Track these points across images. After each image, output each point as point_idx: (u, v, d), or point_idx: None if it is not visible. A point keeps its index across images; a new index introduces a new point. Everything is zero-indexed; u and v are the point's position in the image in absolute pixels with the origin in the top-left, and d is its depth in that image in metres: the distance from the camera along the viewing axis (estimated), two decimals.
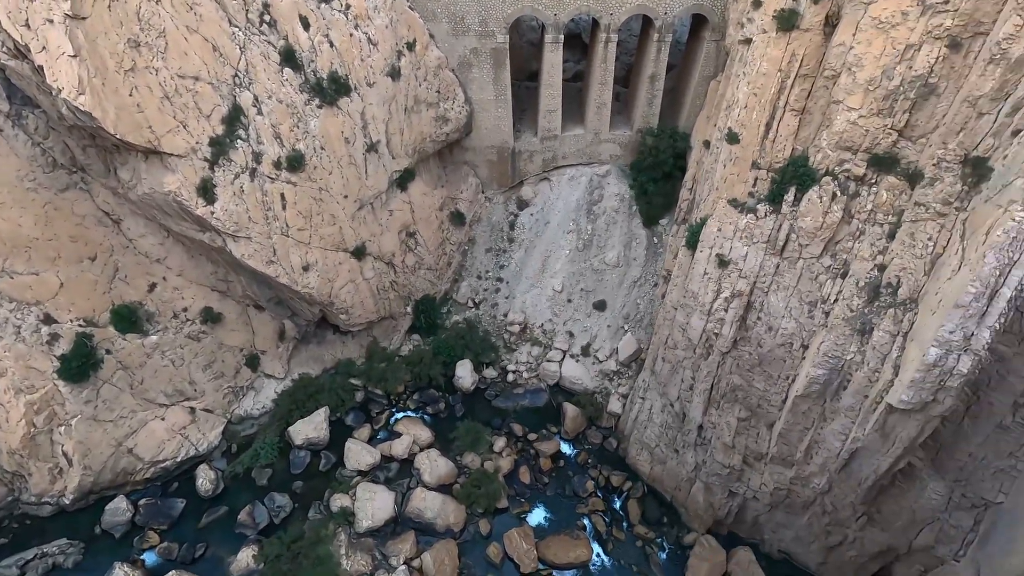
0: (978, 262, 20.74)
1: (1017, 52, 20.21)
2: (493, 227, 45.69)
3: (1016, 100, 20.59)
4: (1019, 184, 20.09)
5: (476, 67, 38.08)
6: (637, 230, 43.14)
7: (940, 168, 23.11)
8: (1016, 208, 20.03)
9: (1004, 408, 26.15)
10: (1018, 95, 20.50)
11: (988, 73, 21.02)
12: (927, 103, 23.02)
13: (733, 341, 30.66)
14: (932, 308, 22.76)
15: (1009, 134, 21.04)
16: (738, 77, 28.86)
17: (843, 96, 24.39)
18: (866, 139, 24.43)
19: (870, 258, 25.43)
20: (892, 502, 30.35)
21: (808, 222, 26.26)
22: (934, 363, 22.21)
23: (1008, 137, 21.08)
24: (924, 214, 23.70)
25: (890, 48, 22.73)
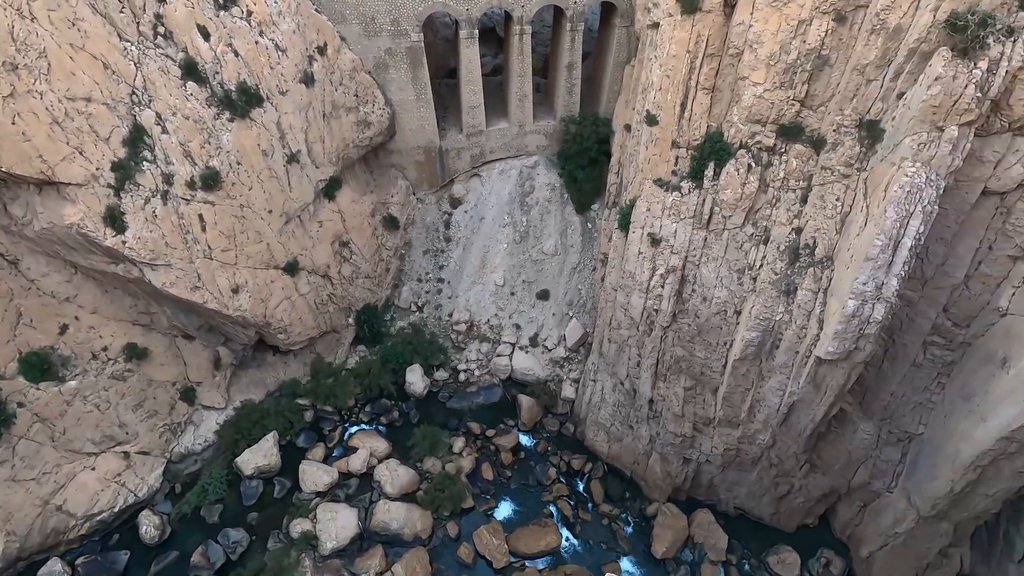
0: (881, 217, 22.51)
1: (894, 21, 21.98)
2: (428, 228, 45.20)
3: (897, 66, 22.41)
4: (908, 142, 21.93)
5: (393, 68, 37.38)
6: (571, 217, 43.89)
7: (840, 133, 24.86)
8: (907, 164, 21.88)
9: (916, 348, 28.64)
10: (899, 61, 22.32)
11: (871, 43, 22.76)
12: (822, 74, 24.65)
13: (672, 315, 31.86)
14: (846, 264, 24.52)
15: (895, 97, 22.90)
16: (650, 61, 29.80)
17: (748, 72, 25.70)
18: (772, 111, 25.89)
19: (787, 223, 27.05)
20: (829, 447, 32.62)
21: (728, 194, 27.60)
22: (852, 314, 23.97)
23: (894, 100, 22.93)
24: (830, 177, 25.44)
25: (785, 24, 24.13)
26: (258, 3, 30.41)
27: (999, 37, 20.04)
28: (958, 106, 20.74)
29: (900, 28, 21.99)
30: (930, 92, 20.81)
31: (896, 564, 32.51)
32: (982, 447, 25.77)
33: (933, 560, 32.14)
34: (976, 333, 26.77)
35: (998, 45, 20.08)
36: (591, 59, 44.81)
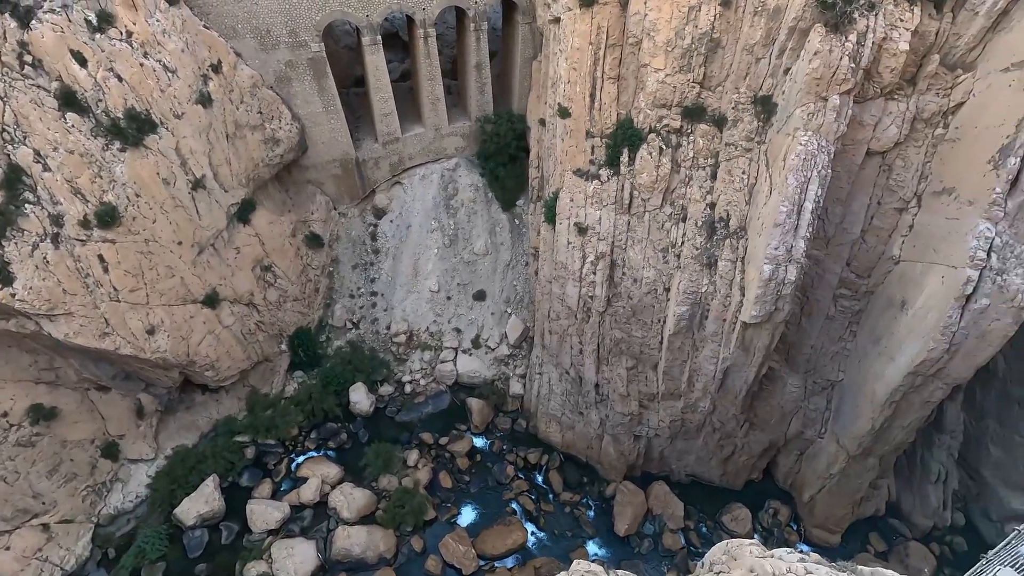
0: (783, 185, 24.15)
1: (773, 3, 23.59)
2: (354, 242, 43.97)
3: (781, 44, 24.09)
4: (798, 113, 23.64)
5: (296, 80, 36.00)
6: (498, 215, 44.08)
7: (738, 110, 26.42)
8: (800, 134, 23.58)
9: (827, 302, 31.01)
10: (781, 40, 24.00)
11: (756, 24, 24.32)
12: (716, 56, 26.09)
13: (607, 300, 32.75)
14: (758, 232, 26.12)
15: (782, 73, 24.61)
16: (556, 55, 30.40)
17: (648, 59, 26.77)
18: (676, 95, 27.12)
19: (701, 199, 28.45)
20: (764, 404, 34.74)
21: (645, 178, 28.66)
22: (769, 278, 25.59)
23: (782, 75, 24.64)
24: (734, 152, 26.99)
25: (677, 12, 25.33)
26: (138, 23, 28.32)
27: (863, 12, 21.98)
28: (836, 77, 22.57)
29: (779, 8, 23.63)
30: (811, 66, 22.51)
31: (834, 503, 35.14)
32: (893, 384, 28.29)
33: (865, 493, 35.01)
34: (876, 282, 29.33)
35: (863, 19, 22.02)
36: (498, 57, 45.12)
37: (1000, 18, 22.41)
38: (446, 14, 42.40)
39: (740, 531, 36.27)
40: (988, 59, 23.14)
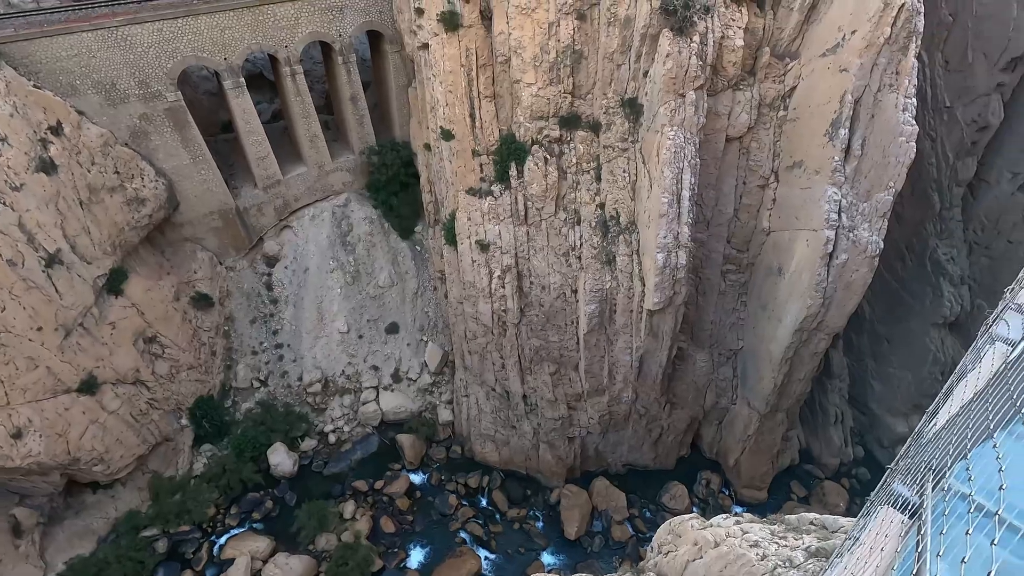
0: (661, 178, 25.94)
1: (623, 13, 25.44)
2: (248, 295, 41.25)
3: (636, 50, 25.99)
4: (662, 111, 25.56)
5: (155, 134, 33.35)
6: (398, 245, 43.38)
7: (609, 114, 28.08)
8: (667, 130, 25.49)
9: (717, 279, 33.59)
10: (636, 46, 25.90)
11: (611, 34, 26.08)
12: (581, 66, 27.62)
13: (520, 310, 33.22)
14: (646, 224, 27.81)
15: (642, 76, 26.53)
16: (430, 80, 30.67)
17: (519, 76, 27.78)
18: (550, 106, 28.32)
19: (591, 201, 29.83)
20: (680, 383, 36.80)
21: (535, 188, 29.57)
22: (664, 265, 27.29)
23: (642, 78, 26.57)
24: (613, 154, 28.62)
25: (538, 29, 26.55)
26: None
27: (700, 15, 24.30)
28: (689, 74, 24.71)
29: (629, 18, 25.52)
30: (666, 67, 24.49)
31: (756, 461, 37.85)
32: (785, 343, 31.14)
33: (780, 447, 38.07)
34: (755, 254, 32.23)
35: (702, 22, 24.35)
36: (372, 87, 44.70)
37: (810, 12, 25.75)
38: (311, 49, 41.37)
39: (680, 507, 37.94)
40: (808, 47, 26.45)
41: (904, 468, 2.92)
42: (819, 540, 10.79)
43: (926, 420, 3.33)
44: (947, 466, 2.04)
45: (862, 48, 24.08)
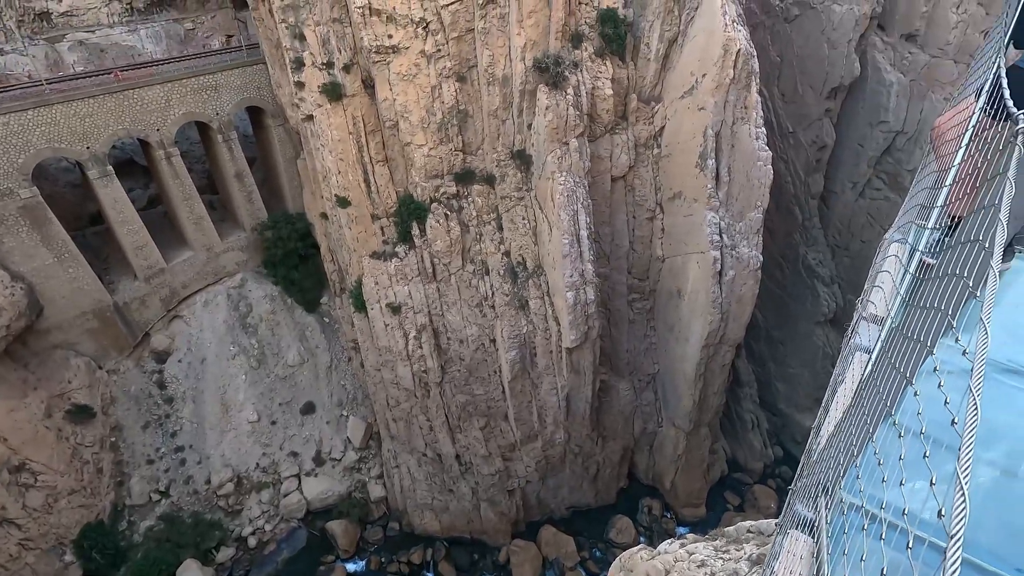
0: (558, 221, 27.10)
1: (500, 73, 26.94)
2: (138, 398, 37.16)
3: (518, 105, 27.49)
4: (550, 159, 26.99)
5: (8, 235, 29.97)
6: (304, 319, 41.40)
7: (501, 167, 29.19)
8: (557, 176, 26.88)
9: (625, 309, 35.14)
10: (517, 101, 27.41)
11: (492, 92, 27.44)
12: (468, 124, 28.67)
13: (441, 368, 32.60)
14: (552, 266, 28.74)
15: (527, 128, 28.01)
16: (319, 150, 30.36)
17: (409, 138, 28.29)
18: (444, 164, 28.97)
19: (496, 250, 30.43)
20: (607, 415, 37.49)
21: (440, 245, 29.73)
22: (574, 303, 28.17)
23: (527, 131, 28.04)
24: (510, 204, 29.60)
25: (422, 93, 27.37)
26: None
27: (571, 70, 26.31)
28: (569, 124, 26.43)
29: (507, 77, 27.06)
30: (547, 119, 26.05)
31: (689, 479, 38.96)
32: (695, 360, 32.90)
33: (709, 461, 39.54)
34: (655, 280, 34.22)
35: (573, 76, 26.35)
36: (258, 162, 43.43)
37: (665, 61, 28.74)
38: (187, 130, 39.68)
39: (627, 540, 37.87)
40: (669, 91, 29.36)
41: (802, 488, 3.10)
42: (758, 547, 11.15)
43: (812, 436, 3.58)
44: (836, 480, 2.18)
45: (713, 88, 27.12)
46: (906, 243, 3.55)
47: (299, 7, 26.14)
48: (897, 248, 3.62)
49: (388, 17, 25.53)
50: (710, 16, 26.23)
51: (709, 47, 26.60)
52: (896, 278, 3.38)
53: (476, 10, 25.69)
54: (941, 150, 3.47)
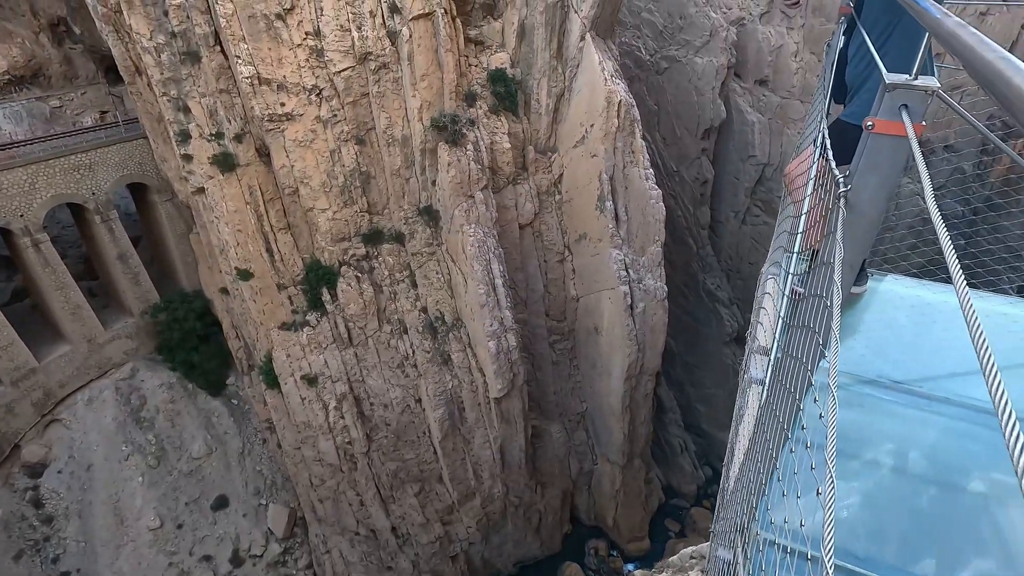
0: (472, 272, 27.32)
1: (399, 134, 27.33)
2: (7, 523, 31.84)
3: (420, 164, 27.89)
4: (457, 213, 27.39)
5: None
6: (209, 405, 37.97)
7: (410, 224, 29.19)
8: (466, 228, 27.28)
9: (547, 351, 35.61)
10: (419, 160, 27.82)
11: (393, 153, 27.70)
12: (372, 185, 28.59)
13: (366, 437, 30.99)
14: (471, 317, 28.70)
15: (431, 185, 28.38)
16: (213, 223, 28.83)
17: (312, 203, 27.66)
18: (350, 227, 28.50)
19: (413, 307, 29.97)
20: (543, 461, 37.16)
21: (353, 308, 28.84)
22: (497, 351, 28.15)
23: (432, 187, 28.40)
24: (423, 260, 29.51)
25: (320, 158, 27.06)
26: None
27: (468, 127, 27.25)
28: (472, 179, 27.13)
29: (406, 137, 27.49)
30: (450, 175, 26.60)
31: (630, 513, 39.16)
32: (619, 392, 33.75)
33: (646, 491, 40.07)
34: (572, 320, 35.11)
35: (471, 132, 27.28)
36: (145, 241, 40.36)
37: (555, 114, 30.59)
38: (58, 213, 36.31)
39: None
40: (563, 142, 31.13)
41: (720, 532, 3.20)
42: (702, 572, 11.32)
43: (723, 476, 3.73)
44: (749, 517, 2.26)
45: (602, 136, 29.12)
46: (779, 275, 3.84)
47: (181, 80, 25.28)
48: (772, 281, 3.91)
49: (279, 85, 25.31)
50: (591, 72, 28.44)
51: (593, 100, 28.71)
52: (774, 309, 3.62)
53: (369, 75, 26.14)
54: (793, 195, 3.85)
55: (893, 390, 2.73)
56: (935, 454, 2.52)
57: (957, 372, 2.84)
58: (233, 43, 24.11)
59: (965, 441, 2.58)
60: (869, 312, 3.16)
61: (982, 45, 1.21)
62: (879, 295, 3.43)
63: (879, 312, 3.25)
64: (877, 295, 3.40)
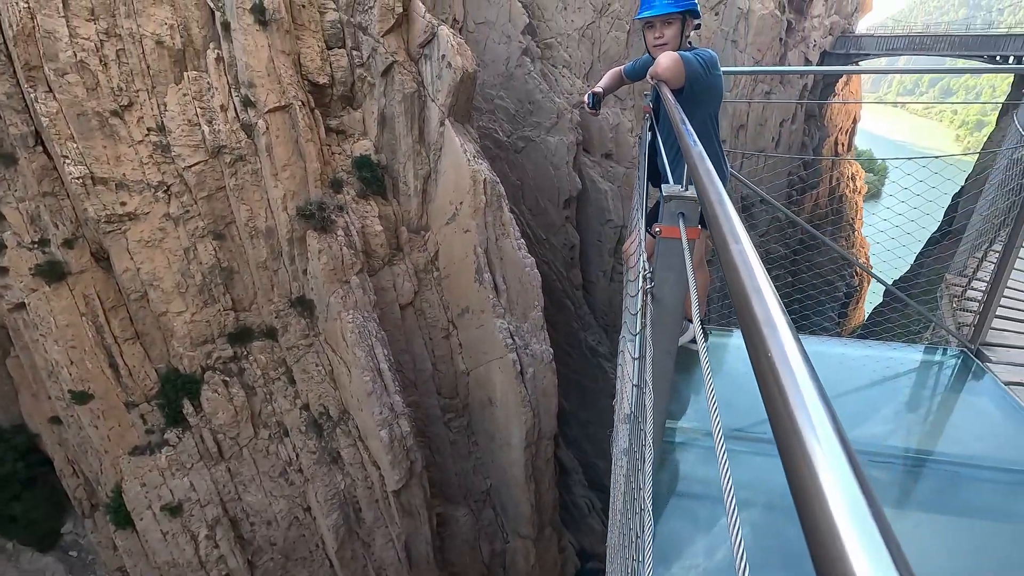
0: (355, 360, 26.08)
1: (263, 226, 26.13)
2: None
3: (288, 254, 26.72)
4: (333, 300, 26.37)
5: None
6: (37, 563, 30.96)
7: (283, 317, 27.45)
8: (344, 315, 26.26)
9: (443, 430, 34.45)
10: (287, 250, 26.65)
11: (257, 245, 26.31)
12: (236, 280, 26.69)
13: (248, 564, 27.12)
14: (359, 408, 27.10)
15: (302, 273, 27.17)
16: (38, 342, 24.79)
17: (164, 308, 25.06)
18: (213, 328, 26.09)
19: (293, 407, 27.66)
20: (452, 550, 34.95)
21: (222, 417, 25.93)
22: (390, 440, 26.66)
23: (303, 276, 27.19)
24: (299, 352, 27.67)
25: (172, 257, 24.89)
26: None
27: (337, 213, 26.88)
28: (345, 264, 26.49)
29: (271, 228, 26.36)
30: (322, 263, 25.76)
31: None
32: (521, 462, 33.31)
33: (561, 559, 39.08)
34: (465, 395, 34.56)
35: (340, 218, 26.90)
36: None
37: (424, 195, 31.36)
38: None
39: None
40: (435, 220, 31.79)
41: None
42: None
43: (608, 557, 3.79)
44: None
45: (471, 213, 30.24)
46: (626, 340, 4.13)
47: None
48: (628, 349, 4.19)
49: (118, 184, 23.27)
50: (453, 154, 29.84)
51: (459, 179, 29.97)
52: (627, 375, 3.86)
53: (225, 168, 25.05)
54: (630, 272, 4.21)
55: (741, 439, 3.00)
56: (786, 492, 2.76)
57: None
58: (59, 143, 21.95)
59: None
60: (717, 366, 3.50)
61: (708, 176, 1.43)
62: (724, 349, 3.81)
63: (724, 365, 3.60)
64: (723, 349, 3.77)
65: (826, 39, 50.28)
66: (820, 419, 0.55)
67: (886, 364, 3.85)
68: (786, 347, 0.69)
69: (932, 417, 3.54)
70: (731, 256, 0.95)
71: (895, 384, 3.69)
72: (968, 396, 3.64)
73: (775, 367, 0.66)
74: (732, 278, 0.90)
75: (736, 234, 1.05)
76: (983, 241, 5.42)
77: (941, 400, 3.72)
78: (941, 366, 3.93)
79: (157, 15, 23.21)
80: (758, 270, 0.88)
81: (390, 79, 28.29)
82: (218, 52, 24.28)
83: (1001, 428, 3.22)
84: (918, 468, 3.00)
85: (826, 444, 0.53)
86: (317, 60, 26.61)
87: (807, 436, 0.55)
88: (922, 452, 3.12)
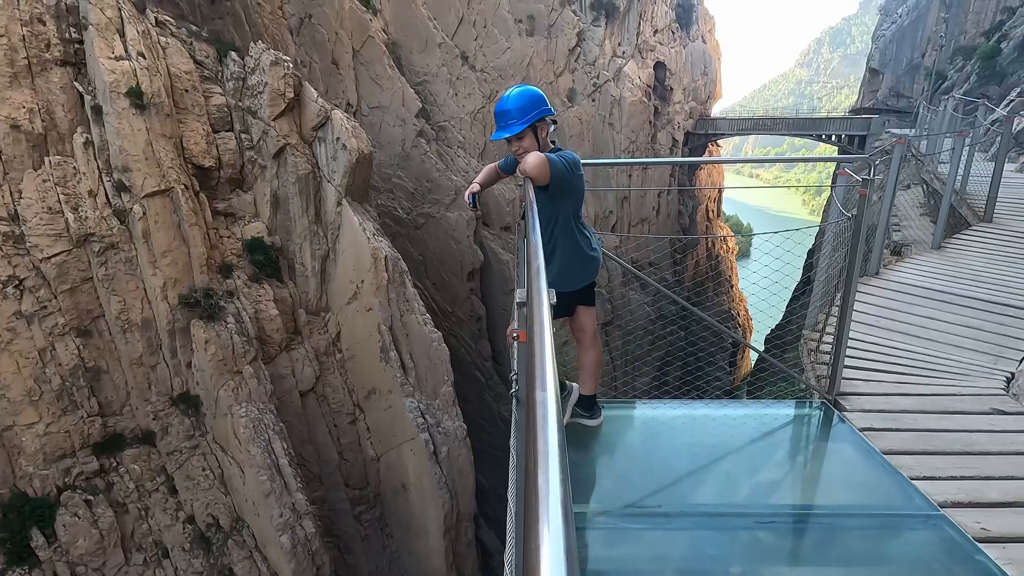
0: (250, 458, 23.69)
1: (138, 318, 23.76)
2: None
3: (168, 346, 24.33)
4: (223, 393, 24.10)
5: None
6: None
7: (162, 418, 24.55)
8: (236, 409, 24.02)
9: (354, 526, 31.70)
10: (168, 343, 24.28)
11: (131, 340, 23.74)
12: (104, 381, 23.69)
13: None
14: (255, 512, 24.35)
15: (185, 368, 24.72)
16: None
17: (11, 420, 21.55)
18: (73, 439, 22.70)
19: (174, 521, 24.29)
20: None
21: (83, 545, 22.10)
22: (293, 545, 24.03)
23: (187, 370, 24.74)
24: (182, 456, 24.68)
25: (23, 360, 21.75)
26: None
27: (226, 300, 25.17)
28: (237, 353, 24.56)
29: (148, 320, 24.03)
30: (209, 353, 23.69)
31: None
32: (441, 549, 31.24)
33: None
34: (376, 484, 32.32)
35: (230, 304, 25.19)
36: None
37: (323, 275, 30.39)
38: None
39: None
40: (335, 300, 30.71)
41: None
42: None
43: None
44: None
45: (374, 291, 29.64)
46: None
47: None
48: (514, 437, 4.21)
49: None
50: (352, 233, 29.48)
51: (359, 258, 29.49)
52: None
53: (93, 258, 22.82)
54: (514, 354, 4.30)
55: (637, 516, 3.06)
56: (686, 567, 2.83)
57: (682, 480, 3.36)
58: None
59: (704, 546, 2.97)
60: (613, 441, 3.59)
61: (539, 295, 1.50)
62: (620, 421, 3.94)
63: (619, 439, 3.71)
64: (619, 422, 3.90)
65: (688, 121, 57.43)
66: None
67: (763, 421, 4.17)
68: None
69: (805, 471, 3.84)
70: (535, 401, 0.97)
71: (771, 440, 3.99)
72: (832, 445, 4.02)
73: None
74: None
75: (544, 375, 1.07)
76: (827, 300, 6.18)
77: (812, 452, 4.06)
78: (808, 419, 4.33)
79: (14, 98, 21.46)
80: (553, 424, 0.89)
81: (283, 161, 27.87)
82: (87, 136, 22.71)
83: (862, 475, 3.55)
84: (801, 524, 3.19)
85: None
86: (202, 143, 25.70)
87: None
88: (799, 508, 3.34)
